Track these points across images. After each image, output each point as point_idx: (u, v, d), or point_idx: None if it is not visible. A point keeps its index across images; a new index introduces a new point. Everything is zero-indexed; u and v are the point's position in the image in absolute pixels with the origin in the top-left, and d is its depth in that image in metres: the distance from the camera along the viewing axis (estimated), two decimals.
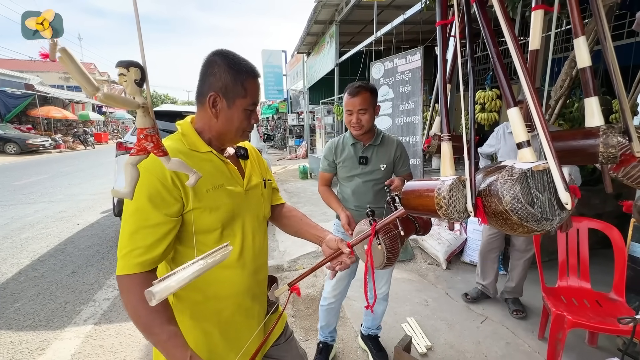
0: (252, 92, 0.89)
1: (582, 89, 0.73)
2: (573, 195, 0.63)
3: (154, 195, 0.77)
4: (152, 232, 0.77)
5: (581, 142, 0.72)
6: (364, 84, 1.63)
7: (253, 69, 0.90)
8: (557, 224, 0.64)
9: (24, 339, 2.23)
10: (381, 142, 1.73)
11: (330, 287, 1.86)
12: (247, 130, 0.93)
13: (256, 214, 0.99)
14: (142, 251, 0.76)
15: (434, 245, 3.35)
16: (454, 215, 0.65)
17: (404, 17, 4.20)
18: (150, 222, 0.77)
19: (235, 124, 0.90)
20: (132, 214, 0.77)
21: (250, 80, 0.88)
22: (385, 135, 1.77)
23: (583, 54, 0.72)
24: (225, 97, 0.87)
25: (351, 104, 1.61)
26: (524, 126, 0.66)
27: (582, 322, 1.63)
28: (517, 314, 2.38)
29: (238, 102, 0.87)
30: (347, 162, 1.74)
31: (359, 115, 1.61)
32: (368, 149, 1.72)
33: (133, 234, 0.76)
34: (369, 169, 1.72)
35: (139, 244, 0.76)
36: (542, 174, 0.63)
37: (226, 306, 0.92)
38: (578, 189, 0.63)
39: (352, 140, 1.73)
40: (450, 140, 0.70)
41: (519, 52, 0.61)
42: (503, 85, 0.67)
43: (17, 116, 17.17)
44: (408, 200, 0.73)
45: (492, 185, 0.63)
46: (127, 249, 0.76)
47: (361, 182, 1.72)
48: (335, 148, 1.77)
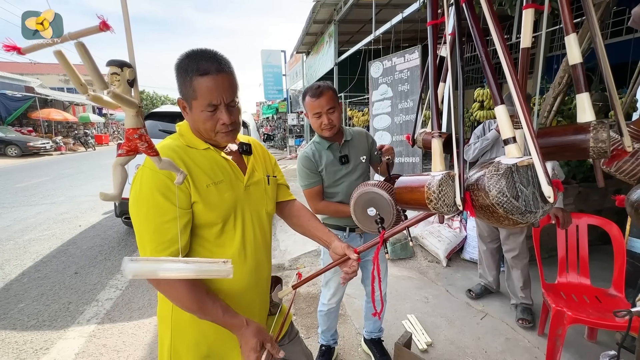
0: (202, 92, 0.81)
1: (574, 85, 0.74)
2: (555, 189, 0.65)
3: (165, 190, 0.79)
4: (172, 225, 0.79)
5: (572, 138, 0.73)
6: (324, 83, 1.59)
7: (201, 65, 0.80)
8: (540, 216, 0.66)
9: (28, 339, 2.26)
10: (352, 137, 1.71)
11: (330, 294, 1.84)
12: (222, 131, 0.87)
13: (257, 210, 0.99)
14: (168, 245, 0.79)
15: (434, 242, 3.36)
16: (444, 209, 0.67)
17: (403, 16, 4.20)
18: (168, 216, 0.79)
19: (201, 126, 0.87)
20: (148, 212, 0.79)
21: (197, 79, 0.80)
22: (349, 129, 1.75)
23: (574, 51, 0.73)
24: (185, 100, 0.86)
25: (318, 106, 1.55)
26: (510, 123, 0.68)
27: (582, 318, 1.64)
28: (523, 322, 2.23)
29: (194, 105, 0.84)
30: (329, 167, 1.66)
31: (328, 115, 1.56)
32: (344, 147, 1.69)
33: (155, 231, 0.79)
34: (352, 165, 1.68)
35: (163, 239, 0.79)
36: (527, 169, 0.65)
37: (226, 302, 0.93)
38: (560, 183, 0.65)
39: (327, 143, 1.66)
40: (440, 137, 0.72)
41: (505, 48, 0.62)
42: (490, 84, 0.69)
43: (18, 119, 17.23)
44: (401, 194, 0.75)
45: (480, 180, 0.66)
46: (152, 245, 0.79)
47: (349, 182, 1.66)
48: (313, 157, 1.67)
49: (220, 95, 0.83)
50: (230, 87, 0.85)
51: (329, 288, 1.86)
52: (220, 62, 0.83)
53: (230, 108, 0.86)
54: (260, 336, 0.84)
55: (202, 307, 0.81)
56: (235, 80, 0.88)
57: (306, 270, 3.21)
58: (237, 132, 0.92)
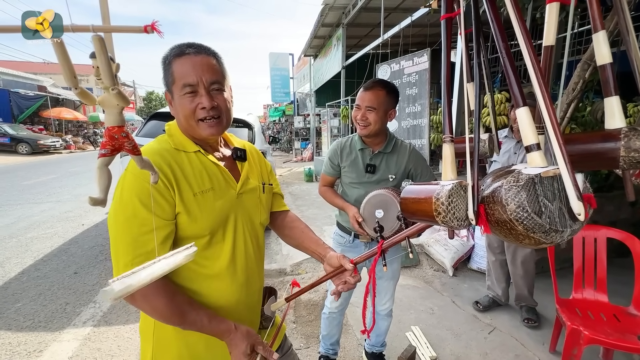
0: (178, 73, 0.77)
1: (602, 87, 0.67)
2: (587, 205, 0.57)
3: (146, 199, 0.72)
4: (151, 237, 0.72)
5: (600, 146, 0.65)
6: (384, 80, 1.51)
7: (181, 49, 0.78)
8: (568, 236, 0.57)
9: (22, 340, 2.22)
10: (392, 149, 1.57)
11: (332, 297, 1.78)
12: (202, 118, 0.79)
13: (250, 220, 0.92)
14: (144, 258, 0.71)
15: (440, 251, 3.26)
16: (453, 223, 0.59)
17: (412, 19, 4.14)
18: (148, 227, 0.72)
19: (181, 115, 0.81)
20: (127, 221, 0.73)
21: (175, 60, 0.77)
22: (399, 141, 1.61)
23: (603, 50, 0.65)
24: (169, 91, 0.82)
25: (361, 98, 1.49)
26: (533, 127, 0.60)
27: (600, 339, 1.54)
28: (529, 322, 2.27)
29: (174, 91, 0.80)
30: (352, 168, 1.60)
31: (366, 112, 1.47)
32: (377, 157, 1.57)
33: (131, 243, 0.72)
34: (376, 178, 1.57)
35: (140, 251, 0.72)
36: (553, 180, 0.57)
37: None
38: (593, 198, 0.56)
39: (361, 144, 1.58)
40: (452, 142, 0.65)
41: (528, 41, 0.55)
42: (511, 82, 0.61)
43: (30, 117, 17.55)
44: (407, 205, 0.68)
45: (496, 192, 0.58)
46: (129, 257, 0.72)
47: (364, 192, 1.54)
48: (341, 150, 1.63)
49: (198, 75, 0.77)
50: (211, 69, 0.79)
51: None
52: (201, 46, 0.80)
53: (213, 92, 0.80)
54: (251, 339, 0.79)
55: (184, 317, 0.76)
56: (220, 66, 0.82)
57: (308, 277, 3.14)
58: (223, 125, 0.84)
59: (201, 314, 0.77)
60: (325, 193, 1.72)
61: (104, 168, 0.54)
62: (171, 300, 0.74)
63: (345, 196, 1.66)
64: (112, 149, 0.53)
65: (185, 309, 0.76)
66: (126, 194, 0.73)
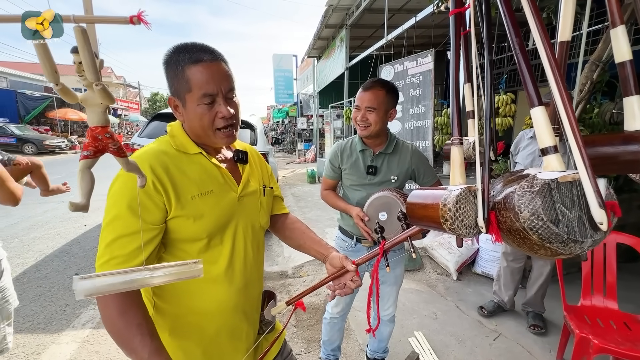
0: (196, 82, 0.73)
1: (621, 86, 0.62)
2: (611, 213, 0.53)
3: (134, 201, 0.70)
4: (131, 240, 0.70)
5: (620, 149, 0.61)
6: (383, 80, 1.48)
7: (194, 54, 0.73)
8: (589, 247, 0.52)
9: (21, 342, 2.20)
10: (394, 150, 1.54)
11: (333, 302, 1.75)
12: (221, 127, 0.78)
13: (251, 223, 0.90)
14: (121, 260, 0.69)
15: (444, 254, 3.21)
16: (462, 231, 0.55)
17: (415, 20, 4.10)
18: (130, 229, 0.70)
19: (197, 124, 0.78)
20: (111, 222, 0.71)
21: (190, 68, 0.73)
22: (400, 142, 1.58)
23: (622, 46, 0.61)
24: (178, 97, 0.78)
25: (360, 99, 1.46)
26: (550, 128, 0.56)
27: (611, 348, 1.49)
28: (535, 329, 2.22)
29: (188, 99, 0.76)
30: (353, 170, 1.57)
31: (366, 112, 1.44)
32: (378, 158, 1.54)
33: (112, 243, 0.70)
34: (378, 180, 1.54)
35: (117, 253, 0.69)
36: (571, 186, 0.52)
37: (210, 323, 0.83)
38: (617, 206, 0.52)
39: (361, 146, 1.55)
40: (461, 145, 0.61)
41: (544, 35, 0.51)
42: (526, 80, 0.57)
43: (36, 118, 17.70)
44: (413, 210, 0.64)
45: (509, 198, 0.53)
46: (105, 258, 0.70)
47: (366, 194, 1.51)
48: (342, 152, 1.60)
49: (217, 84, 0.75)
50: (227, 77, 0.77)
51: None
52: (213, 51, 0.77)
53: (228, 100, 0.78)
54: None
55: (126, 340, 0.67)
56: (231, 72, 0.80)
57: (309, 279, 3.10)
58: (236, 132, 0.83)
59: (146, 345, 0.67)
60: (327, 196, 1.70)
61: (86, 171, 0.51)
62: (122, 315, 0.68)
63: (346, 199, 1.63)
64: (95, 151, 0.50)
65: (132, 331, 0.67)
66: (115, 194, 0.72)
